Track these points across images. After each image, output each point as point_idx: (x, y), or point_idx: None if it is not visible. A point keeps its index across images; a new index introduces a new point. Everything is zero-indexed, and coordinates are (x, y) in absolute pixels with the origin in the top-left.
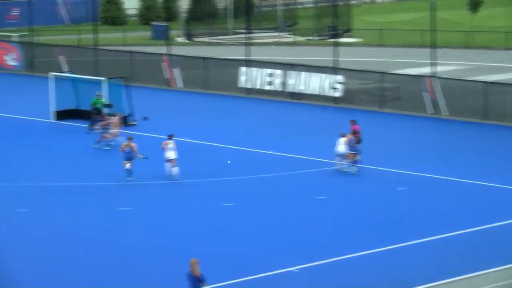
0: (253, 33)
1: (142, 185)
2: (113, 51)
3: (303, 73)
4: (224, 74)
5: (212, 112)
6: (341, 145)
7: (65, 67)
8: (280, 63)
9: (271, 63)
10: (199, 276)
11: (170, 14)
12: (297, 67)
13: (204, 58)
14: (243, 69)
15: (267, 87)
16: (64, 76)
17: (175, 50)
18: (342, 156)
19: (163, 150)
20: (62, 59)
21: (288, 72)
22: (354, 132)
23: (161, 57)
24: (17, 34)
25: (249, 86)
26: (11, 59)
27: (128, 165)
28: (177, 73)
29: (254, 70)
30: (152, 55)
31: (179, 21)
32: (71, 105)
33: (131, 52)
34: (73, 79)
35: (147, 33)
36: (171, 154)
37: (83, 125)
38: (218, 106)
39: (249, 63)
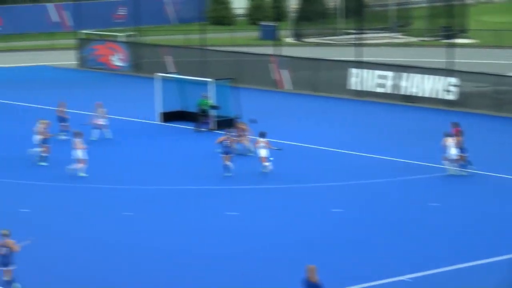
0: (364, 33)
1: (249, 188)
2: (220, 52)
3: (415, 75)
4: (334, 76)
5: (321, 114)
6: (452, 148)
7: (171, 68)
8: (391, 64)
9: (382, 64)
10: (316, 283)
11: (279, 14)
12: (409, 68)
13: (313, 59)
14: (353, 70)
15: (378, 90)
16: (170, 77)
17: (284, 51)
18: (453, 159)
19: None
20: (168, 60)
21: (400, 74)
22: (457, 134)
23: (269, 58)
24: (124, 34)
25: (359, 88)
26: (118, 60)
27: (226, 161)
28: (285, 74)
29: (364, 71)
30: (260, 56)
31: (288, 21)
32: (177, 107)
33: (238, 52)
34: (180, 80)
35: (255, 33)
36: (262, 152)
37: (190, 127)
38: (327, 109)
39: (359, 64)
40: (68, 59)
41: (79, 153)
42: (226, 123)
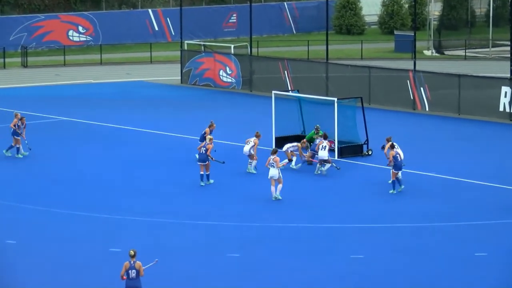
0: None
1: (381, 227)
2: (347, 66)
3: None
4: (482, 95)
5: (465, 142)
6: None
7: (290, 84)
8: None
9: None
10: None
11: (418, 22)
12: None
13: (458, 76)
14: (506, 89)
15: None
16: (288, 95)
17: (423, 65)
18: None
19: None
20: (286, 75)
21: None
22: None
23: (406, 74)
24: (235, 45)
25: None
26: (227, 75)
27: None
28: (424, 93)
29: None
30: (395, 71)
31: (428, 30)
32: (295, 131)
33: (369, 67)
34: (300, 99)
35: (389, 45)
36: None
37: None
38: (473, 135)
39: None
40: (169, 74)
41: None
42: (351, 150)
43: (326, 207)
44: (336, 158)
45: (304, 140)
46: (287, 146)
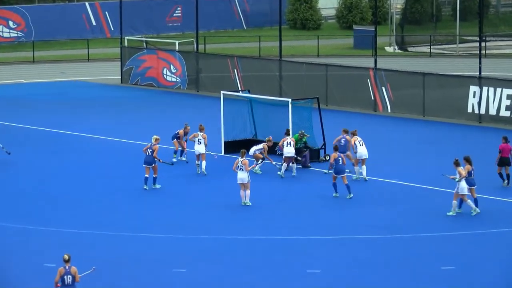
0: (488, 41)
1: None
2: (303, 64)
3: None
4: (449, 96)
5: (432, 146)
6: None
7: (240, 84)
8: None
9: (511, 81)
10: None
11: (379, 16)
12: None
13: (422, 74)
14: (474, 88)
15: (505, 113)
16: (239, 96)
17: (384, 63)
18: None
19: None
20: (236, 74)
21: None
22: None
23: (366, 72)
24: (180, 40)
25: (481, 111)
26: (172, 74)
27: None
28: (386, 93)
29: (488, 90)
30: (354, 70)
31: (390, 25)
32: (246, 134)
33: (326, 65)
34: (251, 100)
35: (348, 41)
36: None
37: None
38: (439, 138)
39: (482, 81)
40: (108, 73)
41: None
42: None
43: (281, 217)
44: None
45: (270, 137)
46: (253, 149)
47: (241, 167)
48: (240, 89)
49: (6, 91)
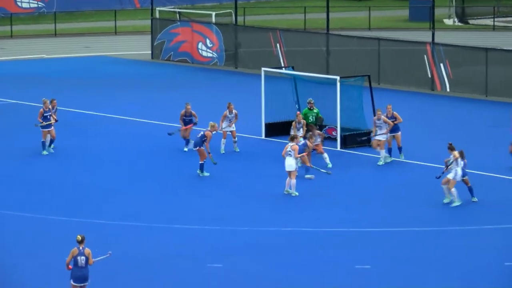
0: None
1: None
2: (353, 38)
3: None
4: None
5: (496, 129)
6: None
7: (283, 60)
8: None
9: None
10: None
11: None
12: None
13: (485, 49)
14: None
15: None
16: (281, 73)
17: (443, 37)
18: None
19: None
20: (279, 49)
21: None
22: None
23: (423, 47)
24: (217, 12)
25: None
26: (207, 49)
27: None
28: (444, 70)
29: None
30: (409, 44)
31: None
32: (290, 116)
33: (378, 39)
34: (295, 77)
35: (402, 12)
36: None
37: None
38: (504, 120)
39: None
40: (137, 47)
41: None
42: (356, 139)
43: (326, 208)
44: (338, 148)
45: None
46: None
47: (289, 152)
48: (283, 65)
49: (27, 67)
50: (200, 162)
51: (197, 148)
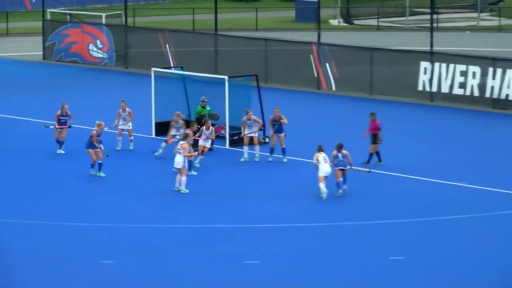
0: (440, 13)
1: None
2: (240, 38)
3: (510, 71)
4: (398, 72)
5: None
6: None
7: (172, 60)
8: (478, 56)
9: (465, 56)
10: None
11: None
12: (502, 62)
13: (370, 49)
14: (425, 64)
15: (459, 91)
16: (171, 73)
17: (328, 37)
18: None
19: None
20: (168, 49)
21: (489, 69)
22: None
23: (309, 47)
24: (107, 13)
25: (433, 89)
26: (98, 49)
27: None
28: (330, 69)
29: (440, 66)
30: (296, 44)
31: None
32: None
33: (265, 39)
34: (183, 77)
35: (289, 13)
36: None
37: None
38: (388, 118)
39: (433, 56)
40: (29, 48)
41: None
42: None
43: (215, 205)
44: (227, 147)
45: (194, 123)
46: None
47: (179, 150)
48: (172, 65)
49: None
50: (91, 163)
51: (87, 149)
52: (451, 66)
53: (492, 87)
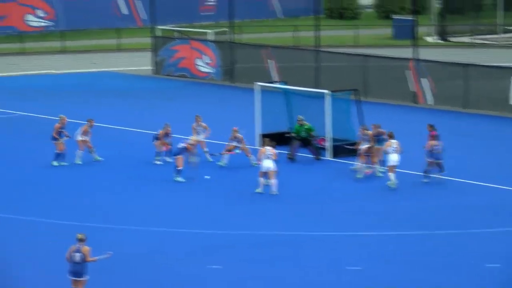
0: None
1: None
2: (340, 55)
3: None
4: (492, 88)
5: (473, 139)
6: None
7: (275, 75)
8: None
9: None
10: None
11: (418, 5)
12: None
13: (463, 65)
14: None
15: None
16: (274, 87)
17: (425, 54)
18: None
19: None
20: (272, 65)
21: None
22: None
23: (406, 63)
24: (213, 30)
25: None
26: (205, 64)
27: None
28: (426, 84)
29: None
30: (393, 60)
31: (431, 14)
32: (281, 127)
33: (365, 55)
34: (286, 91)
35: (386, 31)
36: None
37: (301, 154)
38: (482, 132)
39: None
40: (139, 63)
41: None
42: (346, 149)
43: (320, 211)
44: (329, 158)
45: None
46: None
47: (269, 155)
48: (275, 80)
49: (35, 81)
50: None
51: (176, 156)
52: None
53: None
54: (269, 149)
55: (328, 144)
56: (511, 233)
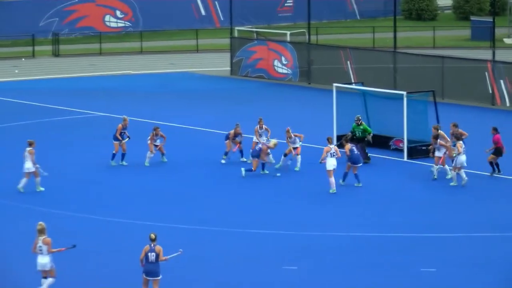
0: None
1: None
2: (418, 56)
3: None
4: None
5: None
6: None
7: (353, 76)
8: None
9: None
10: None
11: (497, 6)
12: None
13: None
14: None
15: None
16: (352, 88)
17: (503, 55)
18: None
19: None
20: (349, 66)
21: None
22: None
23: (484, 65)
24: (291, 31)
25: None
26: (282, 65)
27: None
28: (504, 86)
29: None
30: (471, 62)
31: (509, 15)
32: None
33: (442, 57)
34: (364, 93)
35: (465, 32)
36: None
37: (377, 155)
38: None
39: None
40: (217, 64)
41: None
42: (421, 150)
43: (393, 213)
44: (405, 159)
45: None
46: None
47: (333, 154)
48: (353, 81)
49: (114, 82)
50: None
51: (254, 159)
52: None
53: None
54: (333, 147)
55: (404, 145)
56: None
